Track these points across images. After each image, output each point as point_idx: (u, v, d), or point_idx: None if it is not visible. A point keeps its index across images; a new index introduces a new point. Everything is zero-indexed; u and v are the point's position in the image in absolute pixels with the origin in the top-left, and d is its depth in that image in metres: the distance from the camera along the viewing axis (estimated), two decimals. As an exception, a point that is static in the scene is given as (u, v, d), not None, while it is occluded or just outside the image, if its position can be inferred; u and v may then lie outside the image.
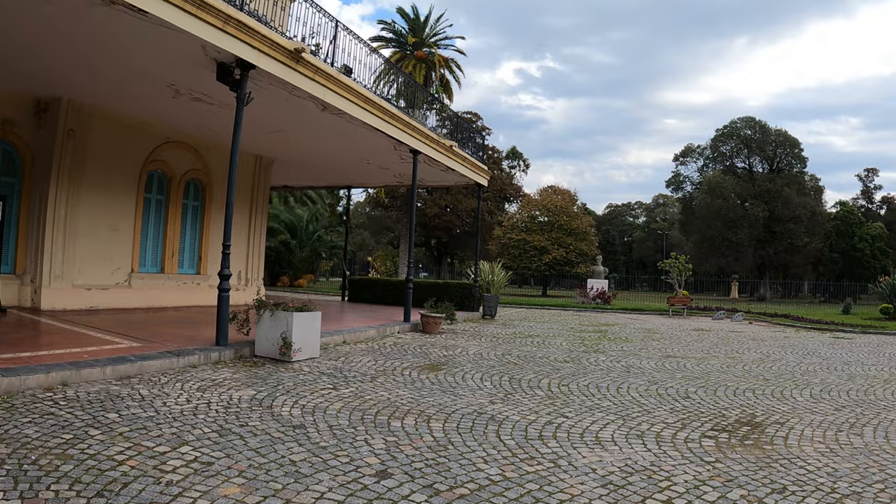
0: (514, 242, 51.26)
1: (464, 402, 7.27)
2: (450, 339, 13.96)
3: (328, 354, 10.56)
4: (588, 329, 18.18)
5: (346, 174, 22.65)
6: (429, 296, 21.67)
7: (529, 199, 57.57)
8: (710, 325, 22.20)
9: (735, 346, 14.93)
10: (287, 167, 21.46)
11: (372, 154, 17.74)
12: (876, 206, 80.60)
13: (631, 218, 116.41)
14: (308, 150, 18.17)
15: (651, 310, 28.02)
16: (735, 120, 67.63)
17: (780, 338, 17.88)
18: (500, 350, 12.27)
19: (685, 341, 15.73)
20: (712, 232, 61.71)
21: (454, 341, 13.46)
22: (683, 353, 13.09)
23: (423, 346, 12.45)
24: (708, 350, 13.96)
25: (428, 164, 18.23)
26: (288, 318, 9.80)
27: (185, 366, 8.80)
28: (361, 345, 12.09)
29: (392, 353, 11.20)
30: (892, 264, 63.77)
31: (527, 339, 14.50)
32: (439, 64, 46.10)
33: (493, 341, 13.80)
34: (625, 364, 11.09)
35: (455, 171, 19.40)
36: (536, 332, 16.41)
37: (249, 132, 16.32)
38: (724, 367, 11.37)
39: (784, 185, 61.64)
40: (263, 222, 20.80)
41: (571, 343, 14.19)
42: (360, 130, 14.60)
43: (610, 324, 20.72)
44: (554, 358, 11.46)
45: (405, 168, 19.46)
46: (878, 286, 26.50)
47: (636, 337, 16.40)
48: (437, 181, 22.08)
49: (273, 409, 6.55)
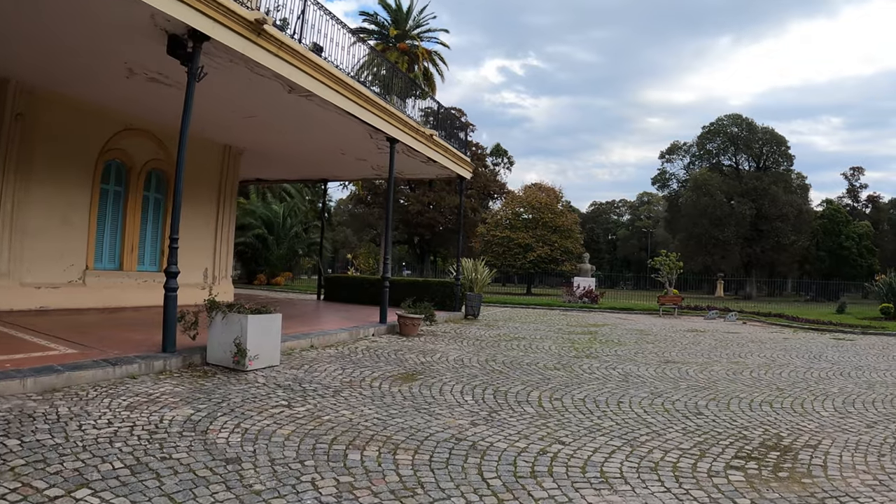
0: (498, 240, 50.14)
1: (440, 424, 6.12)
2: (429, 342, 12.82)
3: (291, 362, 9.39)
4: (577, 330, 17.11)
5: (322, 167, 21.45)
6: (408, 295, 20.49)
7: (513, 195, 56.48)
8: (703, 325, 21.21)
9: (736, 350, 13.90)
10: (259, 158, 20.22)
11: (347, 143, 16.56)
12: (862, 204, 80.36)
13: (615, 216, 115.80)
14: (279, 138, 16.96)
15: (640, 309, 26.99)
16: (722, 117, 67.01)
17: (779, 339, 16.89)
18: (483, 355, 11.14)
19: (681, 344, 14.69)
20: (699, 230, 60.97)
21: (433, 345, 12.32)
22: (683, 358, 12.03)
23: (398, 350, 11.30)
24: (708, 354, 12.92)
25: (407, 154, 17.07)
26: (242, 321, 8.63)
27: (122, 376, 7.63)
28: (330, 350, 10.93)
29: (363, 359, 10.04)
30: (878, 263, 63.43)
31: (512, 343, 13.39)
32: (422, 57, 44.96)
33: (475, 345, 12.68)
34: (622, 371, 9.99)
35: (436, 163, 18.24)
36: (522, 334, 15.32)
37: (214, 118, 15.12)
38: (730, 374, 10.32)
39: (771, 183, 61.03)
40: (232, 216, 19.56)
41: (561, 346, 13.09)
42: (333, 116, 13.42)
43: (599, 324, 19.66)
44: (543, 364, 10.35)
45: (383, 159, 18.27)
46: (874, 285, 25.66)
47: (629, 339, 15.34)
48: (417, 174, 20.94)
49: (208, 434, 5.39)
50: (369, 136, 15.31)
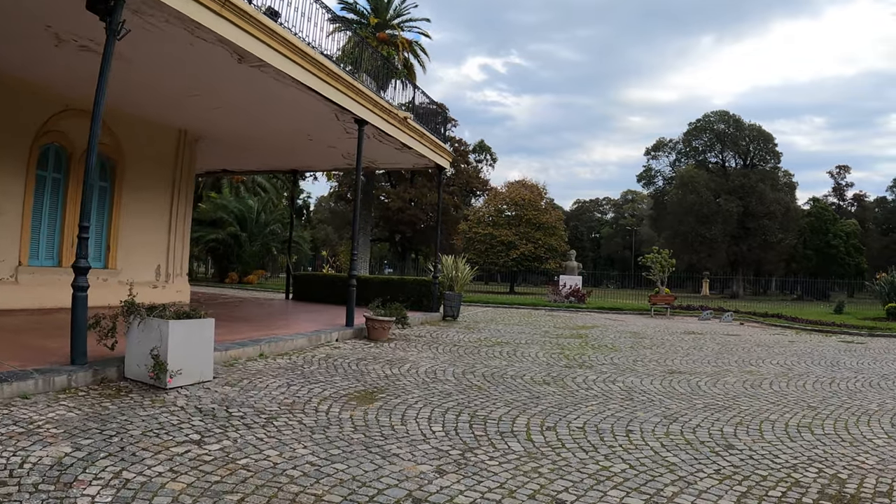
0: (481, 237, 48.61)
1: (394, 474, 4.51)
2: (399, 348, 11.25)
3: (229, 376, 7.79)
4: (565, 333, 15.61)
5: (291, 156, 19.80)
6: (382, 294, 18.89)
7: (496, 192, 54.95)
8: (699, 326, 19.79)
9: (743, 356, 12.44)
10: (221, 146, 18.57)
11: (312, 126, 14.95)
12: (848, 203, 79.62)
13: (599, 214, 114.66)
14: (238, 122, 15.33)
15: (630, 309, 25.54)
16: (708, 114, 65.94)
17: (784, 343, 15.49)
18: (460, 365, 9.59)
19: (682, 349, 13.23)
20: (685, 227, 59.77)
21: (404, 352, 10.75)
22: (689, 367, 10.54)
23: (362, 359, 9.72)
24: (715, 361, 11.44)
25: (379, 139, 15.50)
26: (161, 328, 7.03)
27: (11, 396, 6.06)
28: (283, 359, 9.34)
29: (317, 371, 8.45)
30: (866, 262, 62.65)
31: (494, 349, 11.85)
32: (402, 47, 43.28)
33: (452, 352, 11.12)
34: (623, 386, 8.47)
35: (412, 150, 16.66)
36: (506, 338, 13.79)
37: (159, 96, 13.46)
38: (747, 387, 8.85)
39: (758, 181, 59.98)
40: (188, 208, 17.88)
41: (549, 353, 11.57)
42: (292, 92, 11.81)
43: (588, 326, 18.17)
44: (530, 377, 8.81)
45: (354, 146, 16.72)
46: (875, 284, 24.38)
47: (623, 343, 13.86)
48: (392, 163, 19.37)
49: (70, 490, 3.81)
50: (336, 118, 13.73)
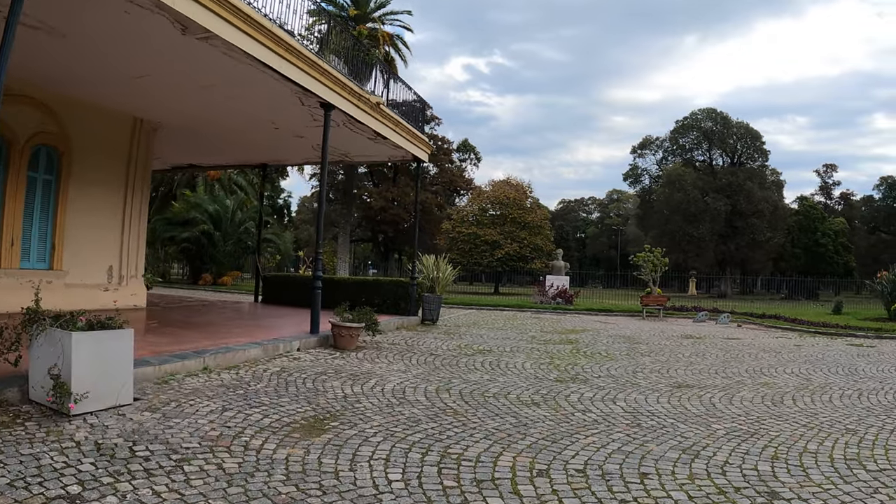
0: (464, 236, 47.24)
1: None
2: (367, 359, 9.93)
3: (155, 397, 6.45)
4: (554, 339, 14.34)
5: (258, 148, 18.40)
6: (357, 296, 17.56)
7: (480, 191, 53.65)
8: (695, 329, 18.59)
9: (752, 364, 11.22)
10: (183, 137, 17.16)
11: (275, 112, 13.58)
12: (835, 201, 79.04)
13: (584, 214, 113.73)
14: (193, 107, 13.93)
15: (621, 311, 24.29)
16: (695, 111, 64.97)
17: (790, 347, 14.32)
18: (434, 381, 8.28)
19: (683, 356, 11.99)
20: (672, 226, 58.76)
21: (372, 364, 9.43)
22: (696, 379, 9.29)
23: (321, 374, 8.39)
24: (723, 371, 10.21)
25: (349, 126, 14.17)
26: (64, 341, 5.71)
27: None
28: (229, 374, 8.00)
29: (264, 391, 7.11)
30: (854, 260, 62.03)
31: (475, 359, 10.55)
32: (383, 40, 41.94)
33: (428, 363, 9.80)
34: (626, 406, 7.19)
35: (387, 140, 15.31)
36: (488, 345, 12.50)
37: (103, 76, 12.02)
38: (768, 403, 7.61)
39: (746, 179, 59.13)
40: (144, 203, 16.45)
41: (537, 363, 10.29)
42: (247, 71, 10.46)
43: (578, 330, 16.91)
44: (516, 396, 7.51)
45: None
46: (876, 283, 23.30)
47: (618, 350, 12.61)
48: (366, 155, 18.00)
49: None
50: (300, 102, 12.37)
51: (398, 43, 44.17)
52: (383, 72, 16.97)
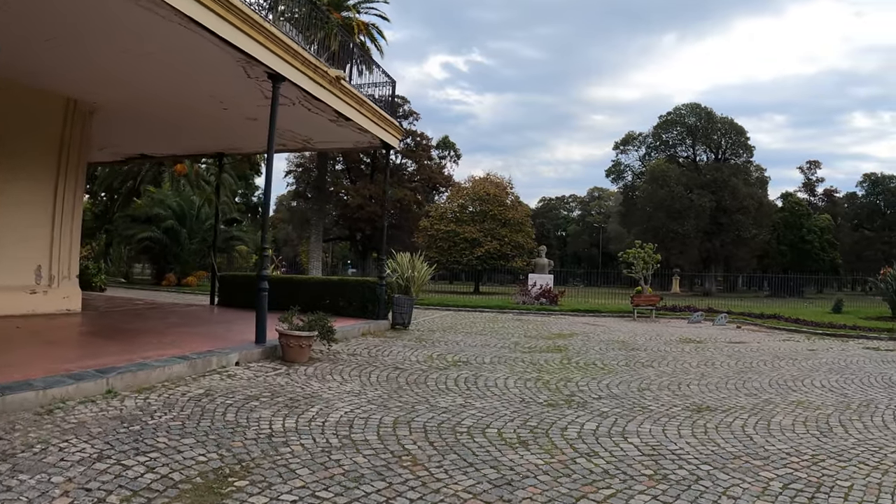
0: (443, 234, 45.44)
1: None
2: (317, 376, 8.19)
3: (20, 437, 4.69)
4: (540, 346, 12.66)
5: (211, 134, 16.55)
6: (321, 298, 15.83)
7: (460, 187, 51.92)
8: (693, 331, 17.00)
9: (771, 374, 9.59)
10: (125, 123, 15.32)
11: (219, 87, 11.77)
12: (819, 198, 78.17)
13: (565, 211, 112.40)
14: (127, 84, 12.14)
15: (609, 311, 22.61)
16: (679, 106, 63.72)
17: (803, 352, 12.76)
18: (394, 408, 6.56)
19: (691, 366, 10.36)
20: (655, 223, 57.35)
21: (319, 384, 7.68)
22: (716, 399, 7.64)
23: (251, 400, 6.65)
24: (743, 385, 8.57)
25: (306, 105, 12.42)
26: None
27: None
28: (135, 399, 6.25)
29: (166, 428, 5.36)
30: (839, 257, 61.10)
31: (448, 374, 8.83)
32: (359, 29, 40.06)
33: (389, 382, 8.06)
34: (642, 445, 5.50)
35: (351, 122, 13.54)
36: (465, 355, 10.79)
37: (7, 43, 10.23)
38: (816, 434, 5.99)
39: (731, 175, 57.92)
40: (79, 196, 14.57)
41: (523, 379, 8.59)
42: (176, 32, 8.67)
43: (566, 334, 15.24)
44: (498, 430, 5.80)
45: (283, 118, 13.64)
46: (879, 280, 21.88)
47: (615, 360, 10.95)
48: (330, 141, 16.19)
49: None
50: (245, 73, 10.61)
51: (374, 33, 42.37)
52: (347, 45, 15.24)
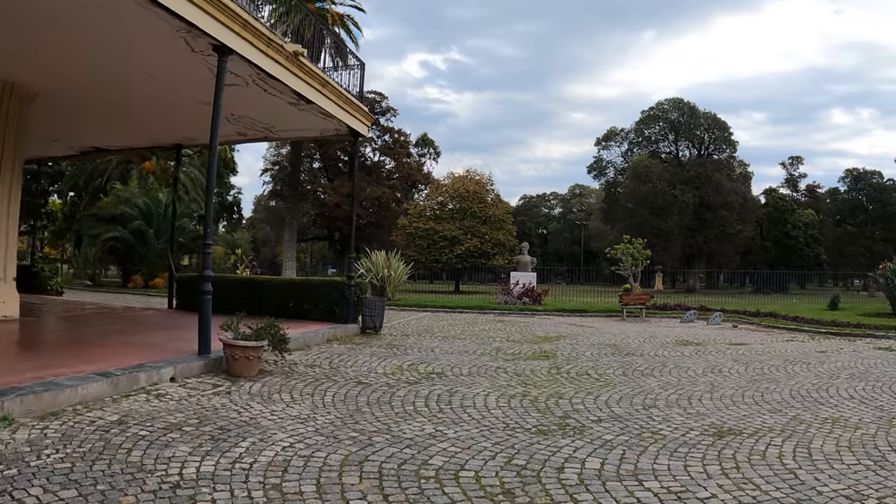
0: (422, 232, 44.10)
1: None
2: (262, 395, 6.87)
3: None
4: (525, 352, 11.40)
5: (165, 123, 15.16)
6: (285, 301, 14.49)
7: (439, 184, 50.60)
8: (688, 331, 15.83)
9: (789, 383, 8.38)
10: (71, 112, 13.96)
11: (162, 63, 10.36)
12: (801, 194, 77.69)
13: (546, 209, 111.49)
14: (62, 62, 10.74)
15: (596, 310, 21.38)
16: (662, 101, 62.83)
17: (813, 354, 11.61)
18: (345, 441, 5.25)
19: (697, 374, 9.14)
20: (638, 219, 56.36)
21: (262, 406, 6.36)
22: (737, 417, 6.41)
23: (172, 430, 5.33)
24: (761, 398, 7.36)
25: (261, 84, 11.06)
26: None
27: None
28: (26, 432, 4.93)
29: (46, 472, 4.02)
30: (824, 252, 60.55)
31: (418, 390, 7.53)
32: (334, 20, 38.69)
33: (347, 402, 6.73)
34: (662, 491, 4.22)
35: (314, 106, 12.20)
36: (440, 364, 9.50)
37: None
38: (869, 465, 4.80)
39: (714, 170, 57.13)
40: (14, 193, 13.05)
41: (506, 396, 7.32)
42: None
43: (552, 337, 14.00)
44: (475, 473, 4.50)
45: (237, 104, 12.31)
46: (878, 275, 20.88)
47: (610, 367, 9.71)
48: (293, 129, 14.82)
49: None
50: (187, 46, 9.27)
51: (350, 25, 40.99)
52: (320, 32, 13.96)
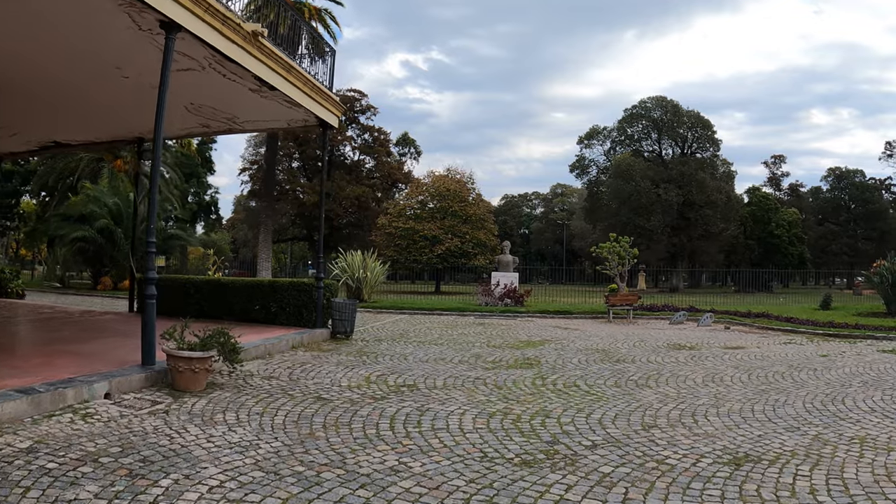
0: (402, 232, 43.11)
1: None
2: (200, 418, 5.90)
3: None
4: (507, 358, 10.51)
5: (121, 115, 14.14)
6: (249, 304, 13.51)
7: (419, 183, 49.61)
8: (679, 334, 15.02)
9: (799, 393, 7.55)
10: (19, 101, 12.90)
11: (104, 42, 9.39)
12: (784, 193, 77.51)
13: (527, 209, 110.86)
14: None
15: (580, 312, 20.54)
16: (644, 99, 62.23)
17: (815, 358, 10.82)
18: (287, 481, 4.27)
19: (695, 383, 8.29)
20: (621, 218, 55.72)
21: (199, 431, 5.41)
22: (752, 439, 5.54)
23: (85, 462, 4.37)
24: (773, 412, 6.51)
25: (219, 69, 10.07)
26: None
27: None
28: None
29: None
30: (808, 251, 60.25)
31: (384, 407, 6.61)
32: (311, 14, 37.63)
33: (299, 426, 5.76)
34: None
35: (278, 93, 11.23)
36: (413, 376, 8.58)
37: None
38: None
39: (698, 169, 56.62)
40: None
41: (485, 415, 6.42)
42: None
43: (536, 342, 13.11)
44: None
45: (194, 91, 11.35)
46: (872, 274, 20.20)
47: (600, 377, 8.84)
48: (258, 119, 13.77)
49: None
50: (132, 22, 8.29)
51: (327, 19, 39.94)
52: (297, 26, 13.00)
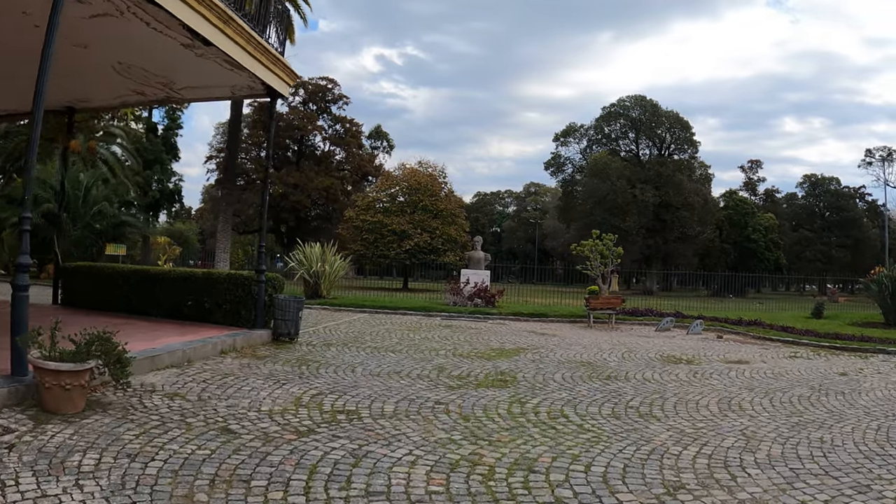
0: (369, 225, 41.26)
1: None
2: (50, 460, 4.16)
3: None
4: (476, 372, 8.87)
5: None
6: (182, 298, 11.71)
7: (389, 175, 47.80)
8: (669, 343, 13.49)
9: (844, 430, 6.00)
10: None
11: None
12: (759, 198, 77.06)
13: (500, 207, 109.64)
14: None
15: (557, 315, 18.88)
16: (623, 98, 61.03)
17: (832, 377, 9.34)
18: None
19: (711, 413, 6.72)
20: (596, 218, 54.45)
21: (33, 487, 3.71)
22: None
23: None
24: (827, 461, 4.95)
25: (141, 15, 8.23)
26: None
27: None
28: None
29: None
30: (784, 257, 59.59)
31: (307, 449, 4.91)
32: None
33: (174, 484, 4.02)
34: None
35: (214, 49, 9.41)
36: (355, 398, 6.88)
37: None
38: None
39: (675, 170, 55.58)
40: None
41: (444, 463, 4.75)
42: None
43: (510, 350, 11.47)
44: None
45: (119, 44, 9.57)
46: (871, 282, 18.93)
47: (591, 401, 7.24)
48: (198, 86, 11.86)
49: None
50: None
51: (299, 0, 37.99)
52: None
